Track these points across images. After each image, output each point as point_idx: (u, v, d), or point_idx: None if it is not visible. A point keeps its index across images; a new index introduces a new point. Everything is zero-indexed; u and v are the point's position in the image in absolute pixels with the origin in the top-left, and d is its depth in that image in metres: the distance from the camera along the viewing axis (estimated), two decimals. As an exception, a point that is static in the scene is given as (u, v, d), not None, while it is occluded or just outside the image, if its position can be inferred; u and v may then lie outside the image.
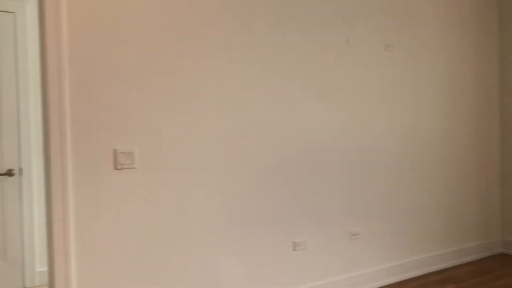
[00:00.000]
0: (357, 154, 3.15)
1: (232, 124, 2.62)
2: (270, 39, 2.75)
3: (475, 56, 3.88)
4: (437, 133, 3.63)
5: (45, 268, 3.50)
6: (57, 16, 2.12)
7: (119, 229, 2.29)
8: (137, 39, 2.32)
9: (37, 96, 3.43)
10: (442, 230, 3.67)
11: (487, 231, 3.99)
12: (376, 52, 3.24)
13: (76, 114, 2.18)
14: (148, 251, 2.37)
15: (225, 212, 2.61)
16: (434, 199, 3.62)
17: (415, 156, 3.48)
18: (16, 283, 3.35)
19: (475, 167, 3.89)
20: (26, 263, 3.40)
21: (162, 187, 2.41)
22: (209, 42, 2.54)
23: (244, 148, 2.67)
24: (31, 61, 3.41)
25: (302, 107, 2.89)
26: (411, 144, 3.46)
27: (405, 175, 3.42)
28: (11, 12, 3.26)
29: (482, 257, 3.91)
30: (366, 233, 3.22)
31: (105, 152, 2.26)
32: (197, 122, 2.51)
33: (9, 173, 3.27)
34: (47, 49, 2.11)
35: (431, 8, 3.57)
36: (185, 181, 2.48)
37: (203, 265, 2.54)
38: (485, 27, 3.95)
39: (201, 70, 2.51)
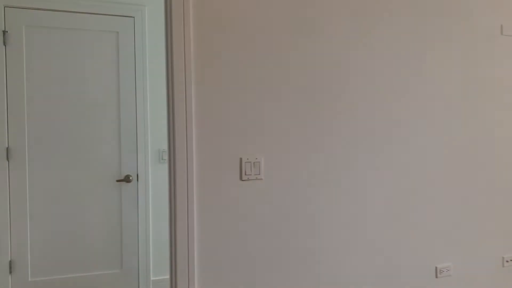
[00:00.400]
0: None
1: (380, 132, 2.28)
2: (407, 40, 2.36)
3: None
4: None
5: (159, 277, 3.42)
6: (184, 15, 1.95)
7: (245, 246, 2.06)
8: (271, 40, 2.08)
9: (154, 102, 3.37)
10: None
11: None
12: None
13: (201, 120, 1.99)
14: (277, 273, 2.11)
15: (365, 235, 2.27)
16: None
17: None
18: (131, 290, 3.30)
19: None
20: (140, 271, 3.33)
21: (292, 203, 2.13)
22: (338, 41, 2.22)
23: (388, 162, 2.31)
24: (148, 66, 3.35)
25: (444, 113, 2.45)
26: None
27: None
28: (130, 17, 3.22)
29: None
30: (524, 260, 2.67)
31: (230, 162, 2.04)
32: (333, 131, 2.20)
33: (127, 179, 3.23)
34: (174, 51, 1.94)
35: None
36: (317, 196, 2.18)
37: (335, 291, 2.22)
38: None
39: (340, 76, 2.20)
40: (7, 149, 3.01)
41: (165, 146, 3.40)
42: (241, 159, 2.05)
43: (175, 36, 1.95)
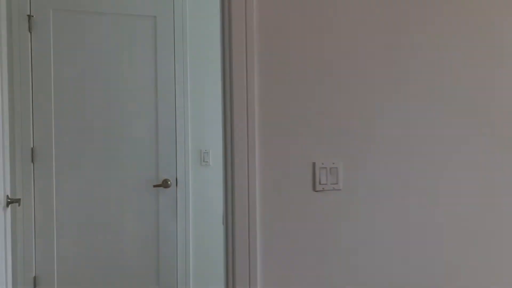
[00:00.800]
0: None
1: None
2: None
3: None
4: None
5: (200, 296, 3.05)
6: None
7: (319, 275, 1.62)
8: (351, 24, 1.64)
9: (196, 97, 3.04)
10: None
11: None
12: None
13: (266, 116, 1.57)
14: (358, 309, 1.66)
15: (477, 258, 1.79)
16: None
17: None
18: (169, 310, 2.95)
19: None
20: (179, 288, 2.99)
21: (380, 221, 1.68)
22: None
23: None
24: (189, 55, 3.01)
25: None
26: None
27: None
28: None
29: None
30: None
31: (301, 167, 1.61)
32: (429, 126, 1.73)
33: (165, 184, 2.89)
34: (233, 34, 1.53)
35: None
36: (414, 213, 1.71)
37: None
38: None
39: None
40: (32, 149, 2.72)
41: (207, 147, 3.05)
42: (314, 164, 1.62)
43: (234, 14, 1.53)
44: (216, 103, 3.03)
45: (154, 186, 2.88)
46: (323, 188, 1.63)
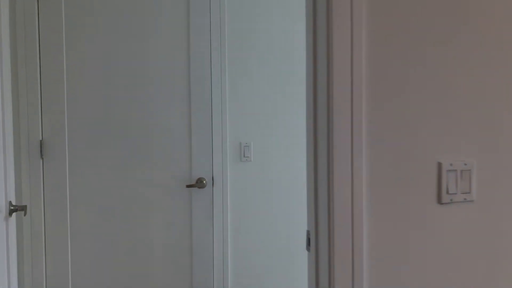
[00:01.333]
0: None
1: None
2: None
3: None
4: None
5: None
6: None
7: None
8: None
9: (234, 80, 2.71)
10: None
11: None
12: None
13: (374, 100, 1.15)
14: None
15: None
16: None
17: None
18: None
19: None
20: (216, 303, 2.73)
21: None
22: None
23: None
24: (227, 30, 2.66)
25: None
26: None
27: None
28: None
29: None
30: None
31: (420, 169, 1.18)
32: None
33: (200, 184, 2.58)
34: None
35: None
36: None
37: None
38: None
39: None
40: (41, 142, 2.50)
41: (247, 140, 2.73)
42: (440, 165, 1.18)
43: None
44: (260, 86, 2.71)
45: (187, 186, 2.58)
46: (451, 200, 1.20)
